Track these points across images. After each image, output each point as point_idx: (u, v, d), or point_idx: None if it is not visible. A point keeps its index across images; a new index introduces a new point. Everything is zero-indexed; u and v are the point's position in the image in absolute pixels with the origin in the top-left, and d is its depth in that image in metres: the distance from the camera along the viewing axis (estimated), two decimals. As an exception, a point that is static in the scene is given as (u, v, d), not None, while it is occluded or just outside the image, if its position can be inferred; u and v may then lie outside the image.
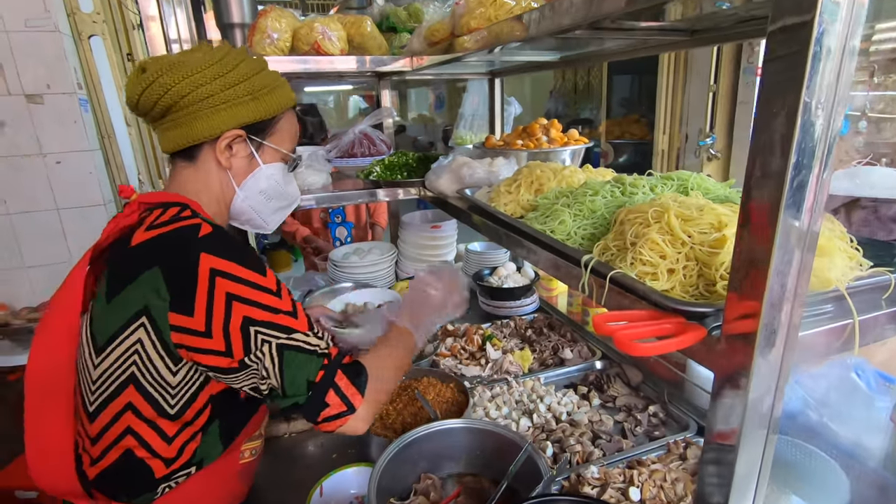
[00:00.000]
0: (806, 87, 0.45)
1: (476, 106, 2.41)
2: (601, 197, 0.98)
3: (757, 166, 0.50)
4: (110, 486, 0.89)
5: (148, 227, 0.85)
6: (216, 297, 0.79)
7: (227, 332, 0.79)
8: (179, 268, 0.80)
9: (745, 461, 0.58)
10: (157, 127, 0.97)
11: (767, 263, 0.50)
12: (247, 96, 0.95)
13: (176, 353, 0.83)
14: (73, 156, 2.57)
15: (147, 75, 0.89)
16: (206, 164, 0.98)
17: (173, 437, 0.88)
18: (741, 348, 0.55)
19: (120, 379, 0.84)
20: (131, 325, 0.81)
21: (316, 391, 0.84)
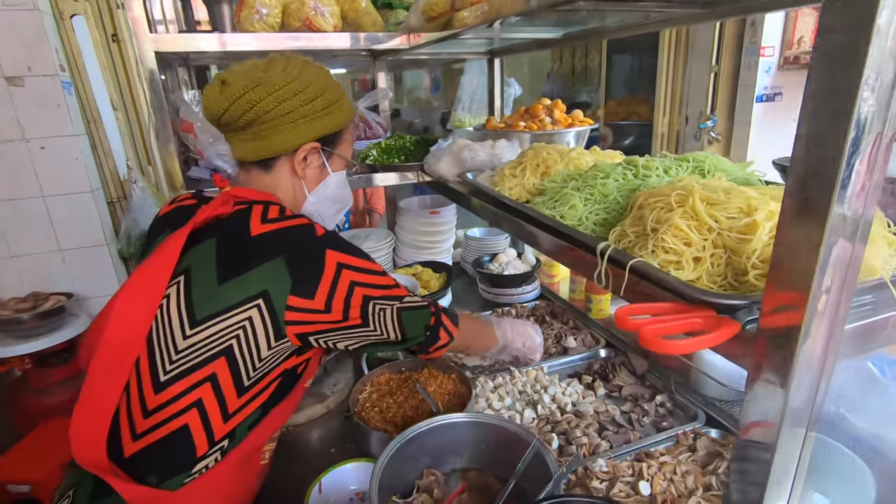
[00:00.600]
0: (870, 58, 0.40)
1: (474, 87, 2.33)
2: (613, 180, 0.93)
3: (807, 145, 0.45)
4: (146, 465, 0.87)
5: (263, 221, 0.94)
6: (340, 284, 0.90)
7: (347, 308, 0.91)
8: (304, 258, 0.90)
9: (782, 461, 0.54)
10: (235, 137, 1.03)
11: (817, 252, 0.45)
12: (323, 111, 1.03)
13: (283, 329, 0.89)
14: (58, 141, 2.48)
15: (233, 91, 0.95)
16: (281, 173, 1.06)
17: (233, 413, 0.91)
18: (782, 344, 0.50)
19: (215, 350, 0.87)
20: (246, 304, 0.87)
21: (432, 331, 1.04)
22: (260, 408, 0.94)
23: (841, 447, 0.84)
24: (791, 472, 0.56)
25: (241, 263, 0.89)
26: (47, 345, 2.29)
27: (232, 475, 0.94)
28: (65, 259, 2.62)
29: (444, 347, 1.07)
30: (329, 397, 1.48)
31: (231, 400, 0.90)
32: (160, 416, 0.87)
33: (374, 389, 1.35)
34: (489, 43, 1.94)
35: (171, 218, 1.05)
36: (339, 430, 1.39)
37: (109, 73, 2.82)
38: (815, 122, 0.44)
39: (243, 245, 0.92)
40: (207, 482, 0.90)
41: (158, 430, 0.87)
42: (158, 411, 0.87)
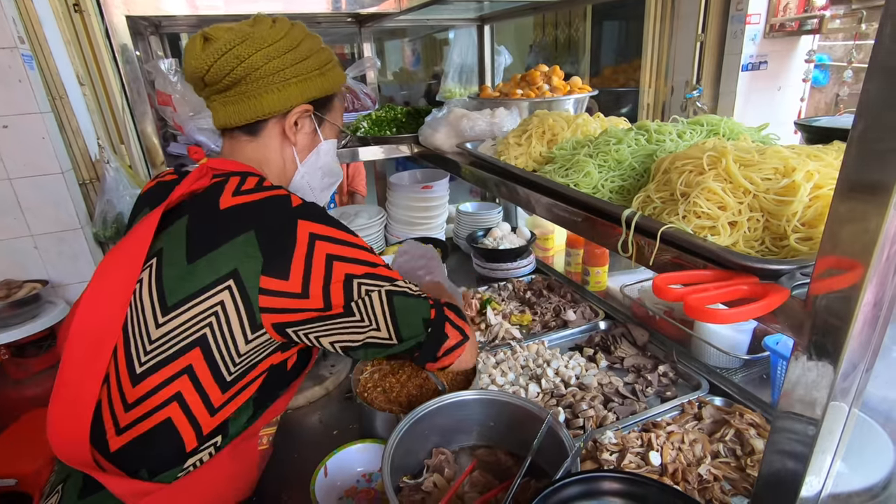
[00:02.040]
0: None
1: (464, 57, 2.25)
2: (626, 145, 0.89)
3: (876, 94, 0.41)
4: (134, 459, 0.82)
5: (234, 194, 0.85)
6: (315, 259, 0.80)
7: (328, 290, 0.81)
8: (275, 232, 0.81)
9: (827, 433, 0.52)
10: (219, 99, 0.94)
11: (882, 215, 0.41)
12: (315, 71, 0.95)
13: (258, 319, 0.81)
14: (22, 119, 2.32)
15: (218, 45, 0.87)
16: (270, 139, 0.97)
17: (218, 407, 0.84)
18: (834, 312, 0.47)
19: (187, 340, 0.80)
20: (216, 286, 0.80)
21: (434, 326, 0.89)
22: (251, 402, 0.88)
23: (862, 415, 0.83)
24: (833, 447, 0.54)
25: (210, 239, 0.82)
26: (24, 334, 2.19)
27: (229, 464, 0.89)
28: (37, 245, 2.49)
29: (458, 349, 0.93)
30: (328, 379, 1.44)
31: (214, 394, 0.83)
32: (141, 410, 0.81)
33: (376, 369, 1.31)
34: (479, 8, 1.86)
35: (150, 196, 0.98)
36: (341, 412, 1.36)
37: (73, 46, 2.65)
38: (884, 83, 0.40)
39: (212, 219, 0.84)
40: (204, 474, 0.86)
41: (141, 423, 0.81)
42: (138, 405, 0.81)
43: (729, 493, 1.01)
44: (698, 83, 4.03)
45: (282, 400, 0.97)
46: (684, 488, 1.02)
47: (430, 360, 0.91)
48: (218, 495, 0.91)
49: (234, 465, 0.91)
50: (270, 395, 0.92)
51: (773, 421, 0.55)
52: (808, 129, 0.84)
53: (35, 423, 2.04)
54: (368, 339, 0.86)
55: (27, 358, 2.26)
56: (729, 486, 1.03)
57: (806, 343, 0.50)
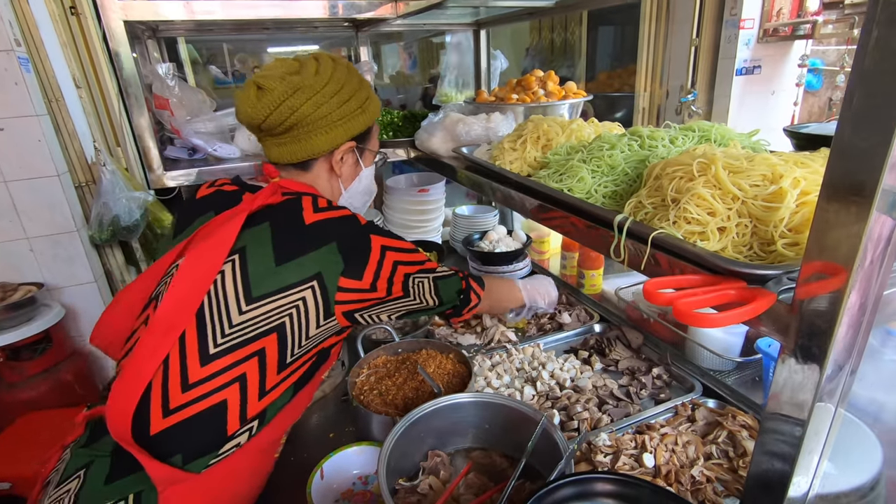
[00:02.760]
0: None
1: (460, 61, 2.26)
2: (619, 151, 0.90)
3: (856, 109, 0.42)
4: (173, 443, 0.86)
5: (315, 211, 0.99)
6: (385, 265, 0.98)
7: (391, 285, 0.99)
8: (353, 243, 0.96)
9: (813, 434, 0.53)
10: (273, 142, 1.07)
11: (863, 222, 0.43)
12: (358, 110, 1.07)
13: (332, 309, 0.95)
14: (18, 122, 2.32)
15: (274, 97, 0.98)
16: (320, 172, 1.12)
17: (269, 389, 0.93)
18: (819, 315, 0.48)
19: (268, 326, 0.91)
20: (302, 285, 0.92)
21: (465, 294, 1.16)
22: (291, 387, 0.97)
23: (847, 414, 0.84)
24: (819, 447, 0.55)
25: (297, 248, 0.94)
26: (19, 337, 2.19)
27: (251, 463, 0.96)
28: (32, 247, 2.49)
29: (474, 308, 1.19)
30: (325, 382, 1.44)
31: (271, 375, 0.92)
32: (200, 390, 0.87)
33: (372, 372, 1.32)
34: (475, 13, 1.87)
35: (211, 201, 1.08)
36: (337, 415, 1.36)
37: (70, 49, 2.64)
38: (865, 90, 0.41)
39: (299, 231, 0.96)
40: (229, 467, 0.90)
41: (195, 405, 0.87)
42: (200, 385, 0.87)
43: (721, 494, 1.03)
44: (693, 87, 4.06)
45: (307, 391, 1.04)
46: (677, 489, 1.03)
47: (458, 315, 1.18)
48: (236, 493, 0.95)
49: (255, 463, 0.97)
50: (307, 380, 1.02)
51: (761, 422, 0.56)
52: (797, 135, 0.85)
53: (30, 427, 2.03)
54: (417, 308, 1.08)
55: (22, 361, 2.25)
56: (721, 487, 1.04)
57: (792, 346, 0.51)
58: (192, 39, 3.69)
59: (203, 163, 1.51)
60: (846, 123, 0.43)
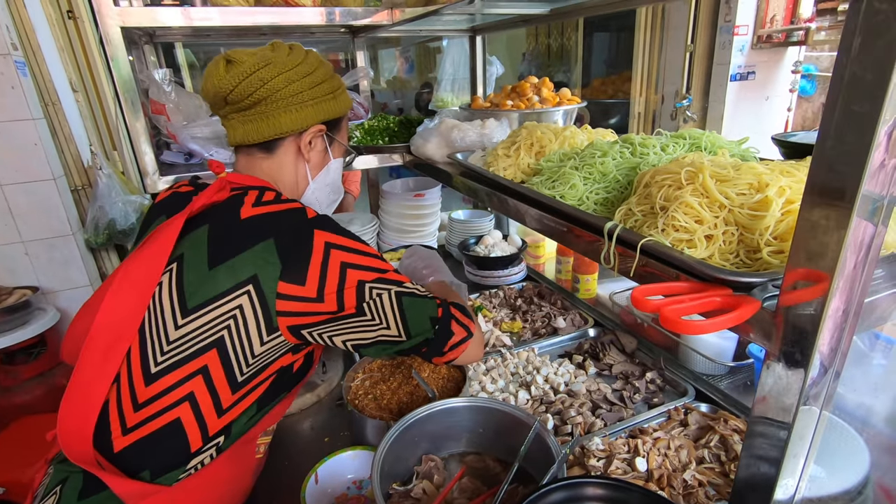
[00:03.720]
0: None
1: (456, 67, 2.28)
2: (611, 158, 0.91)
3: (838, 118, 0.43)
4: (138, 459, 0.84)
5: (255, 205, 0.91)
6: (330, 266, 0.86)
7: (342, 295, 0.86)
8: (293, 241, 0.86)
9: (798, 438, 0.54)
10: (238, 118, 1.00)
11: (844, 229, 0.44)
12: (329, 94, 1.03)
13: (275, 322, 0.85)
14: (14, 125, 2.32)
15: (244, 68, 0.93)
16: (285, 156, 1.04)
17: (227, 408, 0.87)
18: (802, 321, 0.49)
19: (206, 341, 0.84)
20: (236, 290, 0.84)
21: (441, 324, 0.94)
22: (255, 403, 0.91)
23: (834, 418, 0.86)
24: (805, 450, 0.56)
25: (231, 247, 0.87)
26: (14, 341, 2.18)
27: (227, 468, 0.92)
28: (28, 251, 2.48)
29: (462, 345, 0.96)
30: (319, 386, 1.45)
31: (224, 394, 0.86)
32: (151, 410, 0.83)
33: (367, 376, 1.33)
34: (471, 20, 1.88)
35: (166, 205, 1.03)
36: (332, 419, 1.36)
37: (67, 53, 2.65)
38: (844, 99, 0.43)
39: (233, 228, 0.89)
40: (202, 477, 0.87)
41: (149, 423, 0.83)
42: (149, 404, 0.84)
43: (713, 498, 1.03)
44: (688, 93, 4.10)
45: (282, 404, 0.99)
46: (669, 493, 1.04)
47: (438, 355, 0.96)
48: (215, 500, 0.92)
49: (232, 469, 0.93)
50: (274, 397, 0.95)
51: (748, 426, 0.57)
52: (784, 143, 0.86)
53: (24, 431, 2.02)
54: (380, 336, 0.91)
55: (17, 365, 2.25)
56: (713, 491, 1.05)
57: (776, 352, 0.52)
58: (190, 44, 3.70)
59: (199, 167, 1.52)
60: (827, 131, 0.44)
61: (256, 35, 2.01)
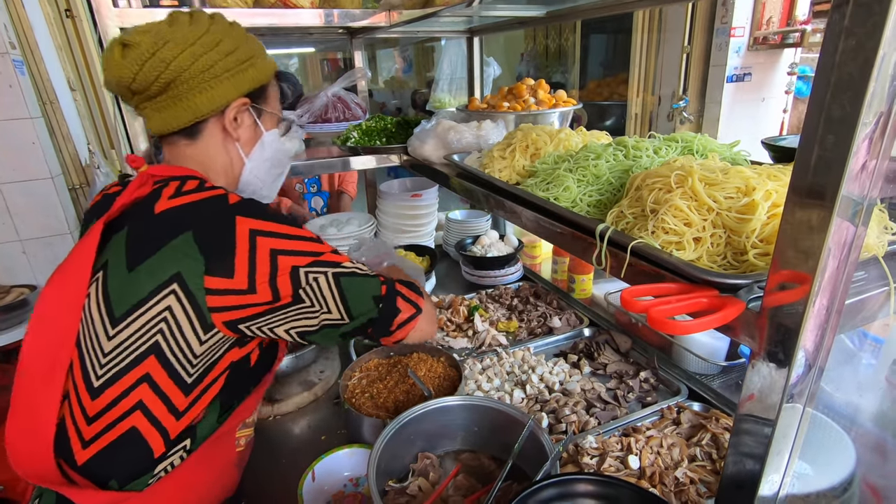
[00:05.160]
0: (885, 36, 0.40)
1: (454, 67, 2.29)
2: (604, 161, 0.93)
3: (818, 125, 0.45)
4: (103, 470, 0.82)
5: (171, 197, 0.85)
6: (259, 255, 0.80)
7: (275, 283, 0.80)
8: (214, 232, 0.80)
9: (782, 436, 0.55)
10: (151, 106, 0.91)
11: (824, 232, 0.45)
12: (245, 62, 0.93)
13: (208, 319, 0.80)
14: (12, 124, 2.33)
15: (141, 51, 0.83)
16: (211, 138, 0.95)
17: (183, 411, 0.85)
18: (785, 321, 0.51)
19: (141, 349, 0.80)
20: (160, 291, 0.79)
21: (386, 302, 0.89)
22: (216, 402, 0.88)
23: (821, 416, 0.87)
24: (789, 446, 0.57)
25: (148, 245, 0.81)
26: (10, 340, 2.19)
27: (203, 467, 0.90)
28: (25, 249, 2.49)
29: (411, 322, 0.92)
30: (316, 385, 1.46)
31: (176, 398, 0.83)
32: (104, 422, 0.82)
33: (364, 375, 1.34)
34: (468, 21, 1.90)
35: (97, 209, 0.97)
36: (329, 417, 1.38)
37: (65, 52, 2.66)
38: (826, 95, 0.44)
39: (150, 225, 0.83)
40: (176, 478, 0.86)
41: (106, 435, 0.82)
42: (100, 417, 0.82)
43: (704, 495, 1.05)
44: (684, 94, 4.13)
45: (251, 398, 0.97)
46: (661, 491, 1.06)
47: (385, 334, 0.92)
48: (195, 498, 0.91)
49: (209, 467, 0.91)
50: (237, 394, 0.93)
51: (734, 424, 0.59)
52: (773, 147, 0.88)
53: (21, 429, 2.03)
54: (322, 322, 0.86)
55: (13, 364, 2.25)
56: (704, 488, 1.07)
57: (761, 351, 0.53)
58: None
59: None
60: (808, 135, 0.46)
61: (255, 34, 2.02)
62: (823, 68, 0.44)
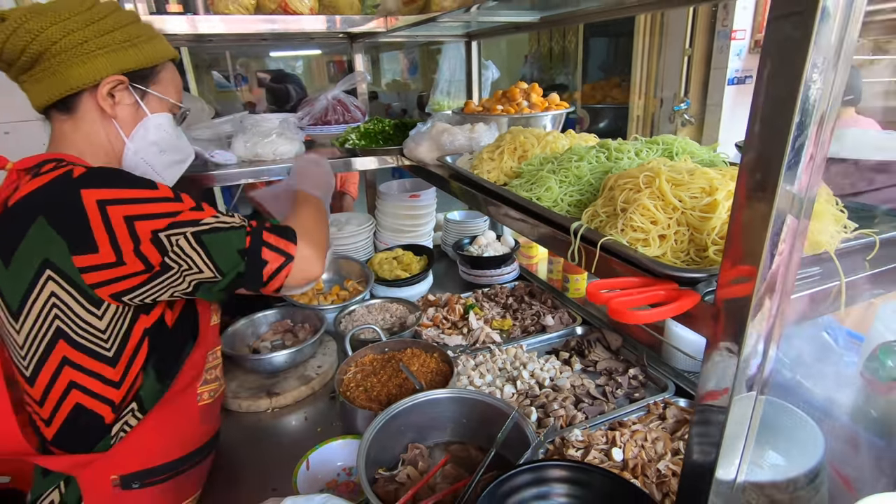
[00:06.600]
0: (813, 46, 0.44)
1: (453, 70, 2.33)
2: (587, 162, 0.96)
3: (757, 128, 0.49)
4: (69, 441, 0.92)
5: (26, 185, 0.86)
6: (115, 225, 0.81)
7: (140, 251, 0.82)
8: (64, 211, 0.81)
9: (735, 422, 0.59)
10: (28, 79, 0.93)
11: (765, 228, 0.49)
12: (125, 42, 0.94)
13: (94, 295, 0.83)
14: (23, 125, 2.40)
15: (9, 22, 0.87)
16: (88, 114, 0.96)
17: (119, 381, 0.91)
18: (735, 313, 0.54)
19: (47, 337, 0.85)
20: (38, 281, 0.82)
21: (251, 254, 0.89)
22: (148, 368, 0.93)
23: (793, 408, 0.91)
24: (744, 433, 0.61)
25: (11, 239, 0.82)
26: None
27: (163, 423, 0.97)
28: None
29: (283, 270, 0.92)
30: (314, 379, 1.51)
31: (106, 371, 0.89)
32: (50, 403, 0.89)
33: (359, 370, 1.38)
34: (466, 26, 1.94)
35: None
36: (325, 410, 1.42)
37: None
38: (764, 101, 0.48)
39: (5, 220, 0.84)
40: (138, 436, 0.94)
41: (58, 413, 0.89)
42: (45, 399, 0.88)
43: (685, 487, 1.08)
44: (686, 96, 4.14)
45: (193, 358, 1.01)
46: (643, 482, 1.09)
47: (260, 285, 0.92)
48: (160, 450, 0.97)
49: (169, 423, 0.98)
50: (170, 357, 0.98)
51: (694, 413, 0.62)
52: (745, 150, 0.91)
53: (30, 422, 2.09)
54: (195, 281, 0.88)
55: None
56: (685, 480, 1.10)
57: (715, 342, 0.57)
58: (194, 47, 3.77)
59: (203, 167, 1.58)
60: (749, 141, 0.50)
61: (257, 40, 2.07)
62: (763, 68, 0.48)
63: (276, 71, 5.52)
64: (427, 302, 1.92)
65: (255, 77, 6.92)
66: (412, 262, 2.06)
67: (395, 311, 1.81)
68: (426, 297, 1.95)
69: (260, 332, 1.69)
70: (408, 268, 2.03)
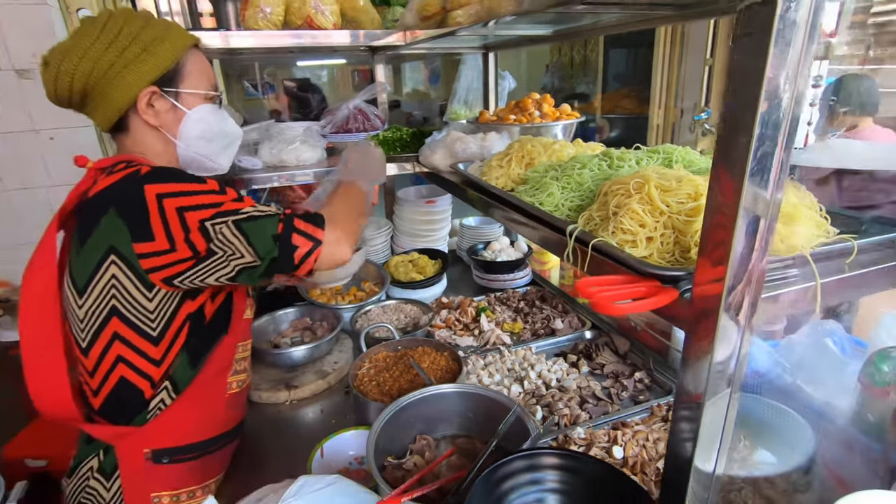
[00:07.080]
0: (770, 62, 0.49)
1: (471, 80, 2.40)
2: (588, 170, 1.02)
3: (724, 138, 0.54)
4: (111, 412, 1.03)
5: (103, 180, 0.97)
6: (169, 216, 0.91)
7: (190, 240, 0.92)
8: (130, 204, 0.91)
9: (711, 417, 0.63)
10: (88, 114, 1.04)
11: (731, 230, 0.54)
12: (143, 53, 0.99)
13: (148, 279, 0.94)
14: (67, 132, 2.56)
15: (50, 69, 0.96)
16: (139, 129, 1.05)
17: (160, 359, 1.01)
18: (708, 309, 0.59)
19: (104, 313, 0.96)
20: (103, 263, 0.93)
21: (282, 240, 0.96)
22: (185, 353, 1.03)
23: (785, 409, 0.93)
24: (720, 429, 0.65)
25: (87, 227, 0.94)
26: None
27: (198, 405, 1.07)
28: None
29: (312, 254, 0.98)
30: (330, 374, 1.58)
31: (150, 350, 0.99)
32: (99, 375, 1.00)
33: (372, 366, 1.45)
34: (483, 38, 2.01)
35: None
36: (340, 404, 1.49)
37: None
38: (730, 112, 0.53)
39: (85, 209, 0.96)
40: (171, 415, 1.04)
41: (105, 385, 1.01)
42: (96, 371, 1.00)
43: (683, 485, 1.11)
44: (707, 106, 4.13)
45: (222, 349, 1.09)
46: (642, 479, 1.12)
47: (292, 269, 0.99)
48: (189, 431, 1.08)
49: (202, 404, 1.09)
50: (202, 346, 1.07)
51: (674, 409, 0.67)
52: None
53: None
54: (238, 266, 0.96)
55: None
56: (684, 479, 1.13)
57: (690, 335, 0.62)
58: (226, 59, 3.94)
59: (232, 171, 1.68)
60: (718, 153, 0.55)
61: (285, 52, 2.18)
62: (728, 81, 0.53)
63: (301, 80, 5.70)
64: (440, 304, 1.99)
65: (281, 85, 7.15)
66: (427, 265, 2.13)
67: (409, 312, 1.87)
68: (440, 300, 2.02)
69: (281, 328, 1.78)
70: (423, 271, 2.10)
